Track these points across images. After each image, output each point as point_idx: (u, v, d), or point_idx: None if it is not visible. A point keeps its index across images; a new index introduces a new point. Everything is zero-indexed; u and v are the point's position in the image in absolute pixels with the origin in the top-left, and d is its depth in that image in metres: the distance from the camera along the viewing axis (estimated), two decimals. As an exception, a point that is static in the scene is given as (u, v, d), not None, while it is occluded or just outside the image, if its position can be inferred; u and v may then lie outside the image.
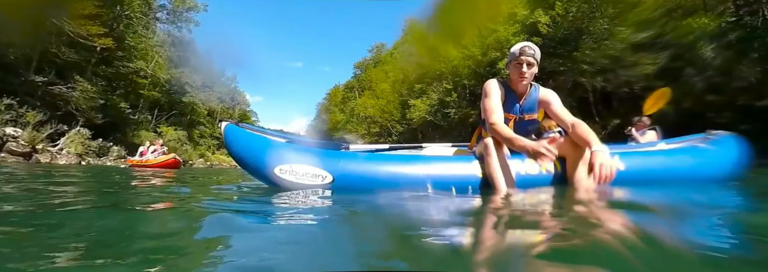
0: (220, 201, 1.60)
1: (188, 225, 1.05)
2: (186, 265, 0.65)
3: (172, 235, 0.90)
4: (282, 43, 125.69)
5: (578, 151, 1.76)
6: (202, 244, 0.80)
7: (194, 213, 1.25)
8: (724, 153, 2.20)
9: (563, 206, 1.40)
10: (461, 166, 1.83)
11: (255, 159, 1.89)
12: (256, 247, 0.74)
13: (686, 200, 1.59)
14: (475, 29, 20.13)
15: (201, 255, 0.71)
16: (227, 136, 2.03)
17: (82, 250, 0.72)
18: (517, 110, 1.96)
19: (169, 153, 10.79)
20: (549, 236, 0.85)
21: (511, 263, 0.64)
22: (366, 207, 1.31)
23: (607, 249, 0.70)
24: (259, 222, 1.02)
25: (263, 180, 1.97)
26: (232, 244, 0.79)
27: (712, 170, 2.09)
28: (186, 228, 1.01)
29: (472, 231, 0.91)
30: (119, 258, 0.66)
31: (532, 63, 1.83)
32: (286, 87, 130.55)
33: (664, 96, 4.43)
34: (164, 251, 0.73)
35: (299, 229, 0.92)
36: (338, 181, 1.74)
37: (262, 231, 0.91)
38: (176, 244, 0.81)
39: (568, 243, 0.77)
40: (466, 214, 1.18)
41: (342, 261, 0.65)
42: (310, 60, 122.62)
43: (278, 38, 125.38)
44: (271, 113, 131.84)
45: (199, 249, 0.76)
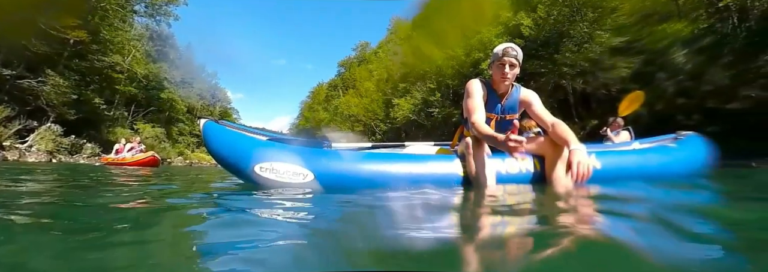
0: (197, 200, 1.56)
1: (163, 225, 1.02)
2: (159, 266, 0.63)
3: (147, 236, 0.87)
4: (265, 39, 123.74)
5: (557, 150, 1.80)
6: (177, 245, 0.78)
7: (170, 212, 1.22)
8: (691, 152, 2.38)
9: (542, 203, 1.43)
10: (443, 165, 1.84)
11: (234, 157, 1.86)
12: (234, 247, 0.72)
13: (656, 195, 1.66)
14: (459, 30, 20.34)
15: (176, 256, 0.69)
16: (206, 133, 1.98)
17: (49, 254, 0.69)
18: (498, 110, 1.99)
19: (146, 151, 10.45)
20: (529, 232, 0.87)
21: (493, 259, 0.64)
22: (347, 206, 1.30)
23: (583, 243, 0.72)
24: (237, 222, 1.00)
25: (243, 178, 1.93)
26: (209, 244, 0.77)
27: (681, 168, 2.25)
28: (161, 228, 0.98)
29: (452, 229, 0.92)
30: (91, 260, 0.63)
31: (515, 64, 1.86)
32: (268, 84, 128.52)
33: (637, 99, 4.64)
34: (139, 252, 0.71)
35: (279, 228, 0.91)
36: (320, 179, 1.72)
37: (241, 230, 0.89)
38: (150, 245, 0.78)
39: (547, 238, 0.79)
40: (446, 212, 1.18)
41: (322, 261, 0.64)
42: (293, 57, 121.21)
43: (261, 34, 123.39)
44: (253, 111, 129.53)
45: (174, 250, 0.74)
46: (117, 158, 10.13)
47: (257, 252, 0.67)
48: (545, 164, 1.89)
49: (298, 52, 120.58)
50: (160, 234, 0.89)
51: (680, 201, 1.45)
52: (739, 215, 1.12)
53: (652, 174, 2.12)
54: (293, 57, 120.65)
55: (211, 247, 0.74)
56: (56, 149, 14.18)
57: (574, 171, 1.57)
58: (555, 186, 1.76)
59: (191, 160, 29.45)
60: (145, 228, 0.95)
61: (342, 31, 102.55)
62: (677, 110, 10.33)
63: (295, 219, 1.03)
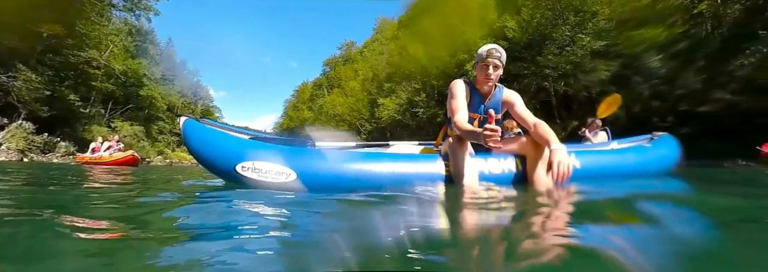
0: (176, 200, 1.52)
1: (139, 225, 0.99)
2: (134, 269, 0.61)
3: (125, 237, 0.85)
4: (250, 36, 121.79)
5: (539, 150, 1.84)
6: (157, 245, 0.76)
7: (146, 212, 1.18)
8: (665, 152, 2.51)
9: (522, 202, 1.46)
10: (426, 164, 1.85)
11: (215, 156, 1.82)
12: (213, 248, 0.71)
13: (628, 193, 1.74)
14: (444, 31, 20.51)
15: (152, 257, 0.67)
16: (186, 131, 1.94)
17: (16, 259, 0.66)
18: (481, 110, 2.01)
19: (125, 150, 10.10)
20: (508, 230, 0.88)
21: (476, 257, 0.65)
22: (329, 206, 1.29)
23: (559, 241, 0.74)
24: (217, 221, 0.98)
25: (224, 177, 1.90)
26: (188, 245, 0.75)
27: (655, 166, 2.37)
28: (137, 228, 0.95)
29: (433, 228, 0.92)
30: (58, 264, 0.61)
31: (498, 65, 1.89)
32: (252, 82, 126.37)
33: (615, 101, 4.80)
34: (116, 254, 0.68)
35: (260, 229, 0.89)
36: (302, 179, 1.70)
37: (220, 230, 0.87)
38: (129, 246, 0.76)
39: (525, 236, 0.80)
40: (428, 212, 1.19)
41: (304, 261, 0.64)
42: (278, 55, 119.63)
43: (246, 31, 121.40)
44: (237, 109, 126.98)
45: (154, 251, 0.72)
46: (94, 157, 9.75)
47: (236, 255, 0.66)
48: (527, 164, 1.92)
49: (284, 49, 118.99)
50: (136, 234, 0.87)
51: (651, 198, 1.51)
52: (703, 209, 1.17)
53: (629, 172, 2.22)
54: (278, 55, 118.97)
55: (188, 248, 0.72)
56: (28, 147, 13.60)
57: (554, 170, 1.61)
58: (536, 185, 1.79)
59: (171, 160, 28.71)
60: (121, 229, 0.92)
61: (328, 29, 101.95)
62: (652, 112, 10.72)
63: (275, 219, 1.01)
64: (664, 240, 0.78)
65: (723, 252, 0.69)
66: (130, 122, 26.32)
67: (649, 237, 0.78)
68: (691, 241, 0.76)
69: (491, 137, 1.43)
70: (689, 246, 0.72)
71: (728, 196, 1.74)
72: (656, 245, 0.73)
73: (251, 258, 0.64)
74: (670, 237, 0.80)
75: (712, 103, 9.49)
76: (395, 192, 1.56)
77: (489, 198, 1.47)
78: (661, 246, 0.72)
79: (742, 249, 0.71)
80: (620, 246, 0.71)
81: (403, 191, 1.59)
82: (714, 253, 0.68)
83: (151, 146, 28.42)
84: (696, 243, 0.74)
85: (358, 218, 1.09)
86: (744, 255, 0.67)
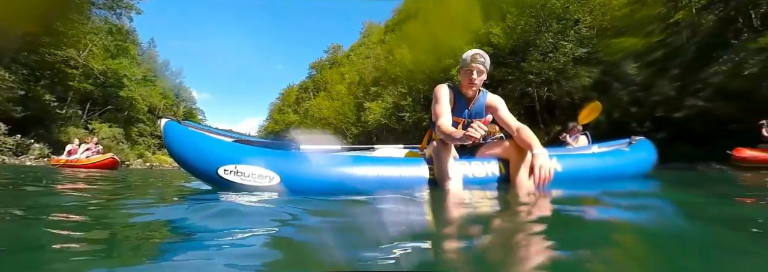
0: (157, 203, 1.49)
1: (118, 229, 0.97)
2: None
3: (101, 242, 0.82)
4: (236, 37, 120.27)
5: (521, 154, 1.87)
6: (135, 252, 0.74)
7: (124, 216, 1.15)
8: (642, 155, 2.62)
9: (505, 203, 1.48)
10: (411, 168, 1.86)
11: (197, 158, 1.78)
12: (193, 253, 0.69)
13: (609, 192, 1.80)
14: (430, 36, 20.76)
15: (130, 262, 0.65)
16: (167, 134, 1.89)
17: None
18: (465, 114, 2.04)
19: (104, 153, 9.77)
20: (491, 231, 0.89)
21: (460, 260, 0.65)
22: (313, 210, 1.28)
23: (542, 241, 0.75)
24: (197, 226, 0.96)
25: (206, 181, 1.86)
26: (168, 250, 0.74)
27: (633, 169, 2.48)
28: (116, 232, 0.92)
29: (418, 231, 0.92)
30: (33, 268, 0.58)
31: (482, 70, 1.92)
32: (237, 84, 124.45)
33: (596, 109, 4.95)
34: (93, 259, 0.66)
35: (241, 234, 0.88)
36: (286, 182, 1.68)
37: (199, 235, 0.85)
38: (105, 251, 0.73)
39: (508, 237, 0.81)
40: (412, 215, 1.19)
41: (288, 267, 0.63)
42: (264, 57, 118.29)
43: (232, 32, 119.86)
44: (220, 112, 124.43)
45: (133, 257, 0.70)
46: (71, 160, 9.38)
47: (217, 260, 0.65)
48: (510, 167, 1.95)
49: (269, 51, 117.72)
50: (114, 238, 0.84)
51: (628, 198, 1.56)
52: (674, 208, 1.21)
53: (608, 174, 2.30)
54: (264, 56, 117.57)
55: (168, 253, 0.70)
56: (-1, 149, 13.05)
57: (536, 174, 1.65)
58: (518, 188, 1.82)
59: (152, 163, 27.94)
60: (99, 232, 0.89)
61: (314, 32, 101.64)
62: (631, 118, 11.07)
63: (257, 223, 1.00)
64: (639, 237, 0.81)
65: (695, 248, 0.71)
66: (108, 124, 25.51)
67: (625, 235, 0.81)
68: (666, 238, 0.79)
69: (475, 130, 1.44)
70: (664, 243, 0.75)
71: (702, 196, 1.84)
72: (631, 241, 0.75)
73: (232, 264, 0.63)
74: (645, 235, 0.83)
75: (686, 110, 9.87)
76: (379, 195, 1.56)
77: (472, 201, 1.49)
78: (637, 242, 0.74)
79: (713, 244, 0.74)
80: (597, 243, 0.73)
81: (387, 194, 1.59)
82: (686, 248, 0.70)
83: (130, 149, 27.62)
84: (670, 240, 0.77)
85: (342, 222, 1.08)
86: (714, 249, 0.70)
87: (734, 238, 0.82)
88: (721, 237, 0.82)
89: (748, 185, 2.59)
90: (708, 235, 0.84)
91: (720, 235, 0.84)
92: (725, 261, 0.64)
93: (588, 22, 14.28)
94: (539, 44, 14.81)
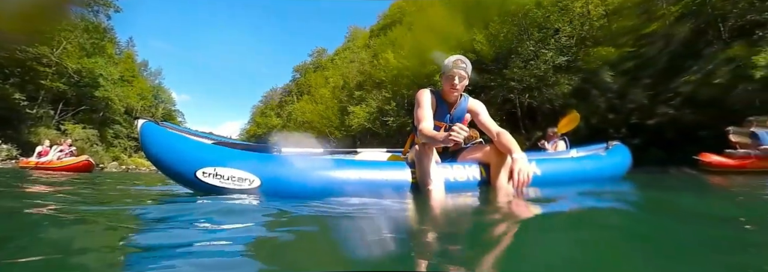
0: (132, 207, 1.44)
1: (93, 234, 0.93)
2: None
3: (78, 247, 0.79)
4: (219, 37, 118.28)
5: (501, 158, 1.90)
6: (106, 259, 0.71)
7: (99, 222, 1.11)
8: (618, 159, 2.73)
9: (485, 206, 1.51)
10: (393, 172, 1.86)
11: (175, 161, 1.73)
12: (170, 258, 0.68)
13: (585, 194, 1.88)
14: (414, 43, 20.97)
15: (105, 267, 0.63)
16: (144, 135, 1.84)
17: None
18: (447, 119, 2.06)
19: (78, 155, 9.37)
20: (471, 233, 0.90)
21: (443, 260, 0.66)
22: (292, 214, 1.26)
23: (522, 240, 0.77)
24: (174, 231, 0.94)
25: (184, 184, 1.81)
26: (145, 255, 0.71)
27: (609, 172, 2.57)
28: (91, 238, 0.89)
29: (398, 233, 0.93)
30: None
31: (464, 76, 1.94)
32: (218, 86, 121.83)
33: (574, 119, 5.15)
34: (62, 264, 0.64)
35: (220, 240, 0.86)
36: (266, 185, 1.66)
37: (177, 240, 0.83)
38: (78, 256, 0.71)
39: (488, 238, 0.83)
40: (395, 217, 1.20)
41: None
42: (246, 59, 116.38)
43: (215, 32, 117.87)
44: (201, 114, 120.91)
45: (108, 263, 0.68)
46: (42, 162, 8.95)
47: (195, 266, 0.63)
48: (490, 171, 1.99)
49: (252, 53, 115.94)
50: (89, 246, 0.81)
51: (603, 199, 1.61)
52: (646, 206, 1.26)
53: (586, 177, 2.38)
54: (246, 58, 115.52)
55: (144, 258, 0.68)
56: (-39, 150, 12.37)
57: (514, 178, 1.68)
58: (498, 191, 1.85)
59: (128, 166, 27.02)
60: (72, 238, 0.86)
61: (299, 35, 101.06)
62: (608, 124, 11.46)
63: (236, 228, 0.98)
64: (612, 233, 0.84)
65: (664, 241, 0.75)
66: (82, 125, 24.56)
67: (599, 233, 0.84)
68: (638, 235, 0.83)
69: (457, 133, 1.46)
70: (635, 239, 0.78)
71: (671, 197, 1.98)
72: (605, 238, 0.78)
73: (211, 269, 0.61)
74: (617, 232, 0.87)
75: (659, 117, 10.31)
76: (361, 199, 1.56)
77: (453, 204, 1.51)
78: (610, 239, 0.77)
79: (682, 238, 0.78)
80: (572, 242, 0.75)
81: (369, 198, 1.59)
82: (656, 242, 0.73)
83: (105, 151, 26.67)
84: (641, 236, 0.81)
85: (320, 228, 1.07)
86: (684, 243, 0.73)
87: (701, 233, 0.87)
88: (689, 233, 0.87)
89: (714, 187, 2.76)
90: (675, 231, 0.89)
91: (687, 231, 0.89)
92: (696, 254, 0.67)
93: (567, 31, 14.76)
94: (521, 52, 15.18)
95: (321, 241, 0.85)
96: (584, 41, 14.22)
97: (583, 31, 14.42)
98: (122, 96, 30.21)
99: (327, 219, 1.16)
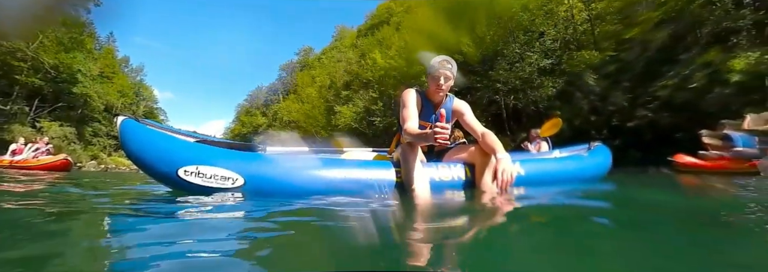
0: (111, 206, 1.40)
1: (69, 235, 0.90)
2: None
3: (53, 248, 0.76)
4: (203, 35, 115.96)
5: (486, 158, 1.93)
6: (88, 258, 0.70)
7: (77, 220, 1.08)
8: (600, 160, 2.80)
9: (469, 205, 1.52)
10: (378, 171, 1.86)
11: (156, 159, 1.69)
12: (148, 259, 0.66)
13: (568, 194, 1.92)
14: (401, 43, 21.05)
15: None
16: (124, 132, 1.79)
17: None
18: (432, 119, 2.08)
19: (56, 154, 9.04)
20: (454, 231, 0.91)
21: (427, 260, 0.66)
22: (276, 213, 1.25)
23: (504, 238, 0.78)
24: (153, 230, 0.92)
25: (165, 183, 1.77)
26: (123, 256, 0.70)
27: (591, 172, 2.63)
28: (67, 238, 0.86)
29: (383, 231, 0.93)
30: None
31: (449, 76, 1.96)
32: (202, 84, 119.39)
33: (557, 124, 5.31)
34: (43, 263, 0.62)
35: (201, 240, 0.85)
36: (250, 184, 1.63)
37: (157, 241, 0.82)
38: (58, 258, 0.69)
39: (474, 237, 0.84)
40: (379, 218, 1.20)
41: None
42: (231, 56, 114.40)
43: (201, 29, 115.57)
44: (184, 113, 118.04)
45: (84, 263, 0.66)
46: (17, 160, 8.59)
47: (173, 266, 0.62)
48: (475, 171, 2.01)
49: (238, 51, 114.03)
50: (64, 247, 0.79)
51: (584, 198, 1.65)
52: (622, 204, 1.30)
53: (569, 177, 2.43)
54: (232, 56, 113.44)
55: (122, 259, 0.67)
56: (-73, 148, 11.78)
57: (498, 178, 1.70)
58: (482, 191, 1.88)
59: (107, 165, 26.26)
60: (47, 240, 0.83)
61: (285, 34, 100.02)
62: (590, 126, 11.76)
63: (217, 228, 0.97)
64: (593, 230, 0.88)
65: (644, 235, 0.78)
66: (59, 122, 23.76)
67: (580, 229, 0.87)
68: (619, 230, 0.86)
69: (440, 133, 1.46)
70: (616, 235, 0.80)
71: (647, 195, 2.07)
72: (587, 234, 0.80)
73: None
74: (598, 228, 0.90)
75: (637, 120, 10.63)
76: (346, 197, 1.55)
77: (437, 203, 1.52)
78: (592, 235, 0.79)
79: (660, 231, 0.80)
80: (555, 239, 0.77)
81: (353, 197, 1.59)
82: (636, 237, 0.76)
83: (83, 149, 25.86)
84: (622, 231, 0.84)
85: (304, 228, 1.07)
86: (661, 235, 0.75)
87: (678, 226, 0.92)
88: (667, 226, 0.90)
89: (688, 187, 2.91)
90: (655, 224, 0.95)
91: (666, 224, 0.93)
92: (670, 247, 0.69)
93: (552, 34, 15.06)
94: (507, 54, 15.41)
95: (304, 241, 0.84)
96: (568, 45, 14.55)
97: (567, 34, 14.75)
98: (102, 93, 29.33)
99: (310, 219, 1.16)
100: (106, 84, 31.73)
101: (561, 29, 14.96)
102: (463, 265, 0.62)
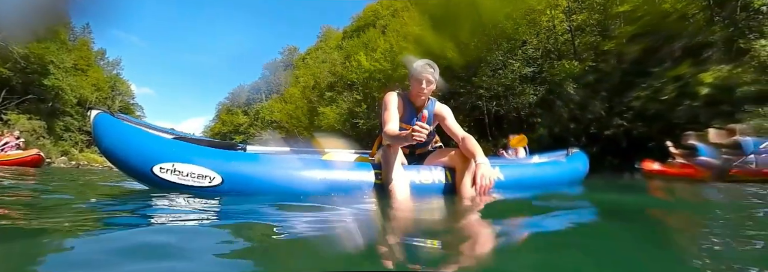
0: (82, 203, 1.35)
1: (37, 233, 0.87)
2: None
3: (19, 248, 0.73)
4: (184, 32, 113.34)
5: (466, 163, 1.96)
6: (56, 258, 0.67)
7: (44, 217, 1.04)
8: (577, 165, 2.89)
9: (447, 208, 1.54)
10: (358, 172, 1.87)
11: (130, 155, 1.64)
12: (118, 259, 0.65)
13: (546, 197, 2.00)
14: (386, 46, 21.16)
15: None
16: (97, 126, 1.73)
17: None
18: (414, 122, 2.09)
19: (27, 148, 8.62)
20: (435, 234, 0.93)
21: (405, 261, 0.67)
22: (253, 213, 1.24)
23: (479, 240, 0.80)
24: (123, 229, 0.89)
25: (140, 180, 1.72)
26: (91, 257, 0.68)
27: (569, 177, 2.71)
28: (32, 238, 0.83)
29: (363, 235, 0.93)
30: None
31: (431, 80, 1.99)
32: (183, 80, 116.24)
33: (523, 140, 5.77)
34: None
35: (173, 237, 0.83)
36: (227, 183, 1.61)
37: (126, 240, 0.80)
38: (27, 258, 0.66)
39: (451, 239, 0.85)
40: (360, 219, 1.20)
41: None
42: (214, 54, 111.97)
43: (183, 25, 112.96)
44: (162, 109, 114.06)
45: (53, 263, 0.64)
46: None
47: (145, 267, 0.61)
48: (455, 175, 2.04)
49: (220, 48, 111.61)
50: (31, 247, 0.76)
51: (562, 201, 1.70)
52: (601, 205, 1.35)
53: (547, 182, 2.50)
54: (214, 53, 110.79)
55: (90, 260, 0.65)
56: None
57: (478, 183, 1.72)
58: (461, 194, 1.90)
59: (79, 161, 25.21)
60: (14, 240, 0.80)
61: (270, 33, 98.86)
62: (569, 133, 12.11)
63: (191, 227, 0.95)
64: (569, 232, 0.92)
65: (619, 236, 0.82)
66: (28, 115, 22.69)
67: (556, 232, 0.91)
68: (593, 232, 0.91)
69: (417, 132, 1.48)
70: (591, 236, 0.84)
71: (620, 198, 2.20)
72: (562, 237, 0.83)
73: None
74: (574, 230, 0.94)
75: (613, 128, 11.03)
76: (324, 199, 1.55)
77: (416, 205, 1.53)
78: (567, 238, 0.82)
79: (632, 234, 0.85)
80: (531, 241, 0.79)
81: (333, 198, 1.58)
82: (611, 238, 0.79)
83: (53, 145, 24.77)
84: (597, 233, 0.89)
85: (286, 224, 1.06)
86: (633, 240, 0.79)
87: (647, 229, 0.98)
88: (637, 229, 0.96)
89: (656, 191, 3.03)
90: (627, 228, 1.03)
91: (635, 227, 0.99)
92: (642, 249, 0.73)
93: (534, 43, 15.45)
94: (490, 61, 15.68)
95: (280, 241, 0.84)
96: (549, 54, 14.95)
97: (549, 44, 15.15)
98: (75, 86, 28.18)
99: (288, 220, 1.15)
100: (80, 77, 30.53)
101: (543, 39, 15.37)
102: (437, 265, 0.63)
